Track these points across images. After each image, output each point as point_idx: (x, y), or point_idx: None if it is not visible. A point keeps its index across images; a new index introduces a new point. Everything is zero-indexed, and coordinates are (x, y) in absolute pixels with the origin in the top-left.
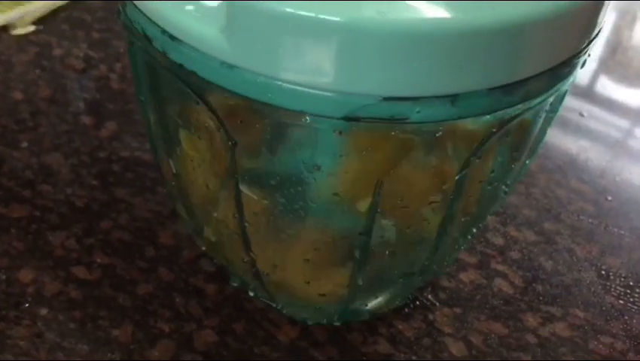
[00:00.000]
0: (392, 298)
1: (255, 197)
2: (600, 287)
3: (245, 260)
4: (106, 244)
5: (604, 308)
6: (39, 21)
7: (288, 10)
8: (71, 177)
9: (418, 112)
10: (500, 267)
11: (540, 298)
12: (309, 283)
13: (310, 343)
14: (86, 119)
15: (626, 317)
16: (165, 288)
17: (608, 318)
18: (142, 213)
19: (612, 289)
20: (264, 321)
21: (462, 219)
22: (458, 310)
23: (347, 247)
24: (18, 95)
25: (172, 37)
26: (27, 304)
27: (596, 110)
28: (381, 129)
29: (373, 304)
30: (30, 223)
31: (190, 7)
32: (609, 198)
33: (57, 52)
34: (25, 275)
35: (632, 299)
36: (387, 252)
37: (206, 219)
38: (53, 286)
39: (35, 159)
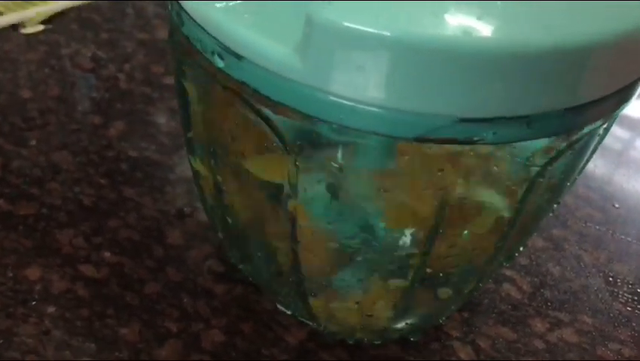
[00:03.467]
0: (433, 317)
1: (311, 222)
2: (608, 294)
3: (292, 280)
4: (114, 243)
5: (611, 315)
6: (48, 20)
7: (370, 30)
8: (79, 176)
9: (494, 133)
10: (508, 272)
11: (548, 303)
12: (358, 303)
13: (319, 345)
14: (94, 119)
15: (634, 324)
16: (173, 288)
17: (616, 324)
18: (150, 213)
19: (620, 296)
20: (272, 322)
21: (514, 238)
22: (466, 314)
23: (401, 268)
24: (26, 94)
25: (237, 56)
26: (34, 302)
27: None
28: (449, 150)
29: (412, 323)
30: (38, 221)
31: (259, 24)
32: (616, 205)
33: (66, 51)
34: (33, 273)
35: (639, 306)
36: (440, 274)
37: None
38: (61, 284)
39: (43, 157)
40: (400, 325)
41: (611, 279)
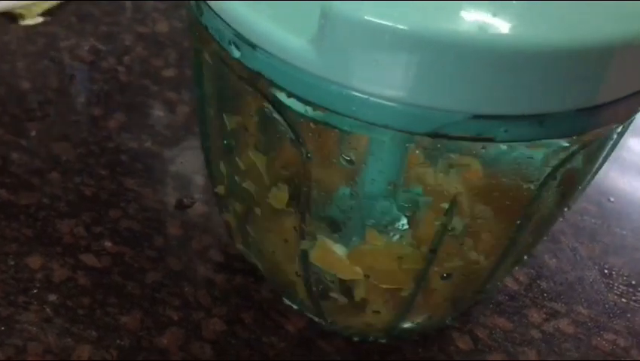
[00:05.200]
0: (440, 317)
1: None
2: (603, 285)
3: (300, 274)
4: (115, 233)
5: (607, 306)
6: (47, 13)
7: (387, 23)
8: (79, 167)
9: (505, 131)
10: None
11: (545, 294)
12: (365, 299)
13: (318, 333)
14: (94, 110)
15: (629, 315)
16: (173, 277)
17: (611, 315)
18: (151, 204)
19: (615, 288)
20: (272, 311)
21: (524, 242)
22: None
23: (411, 265)
24: (26, 85)
25: (253, 45)
26: (36, 290)
27: None
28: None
29: (420, 323)
30: (39, 210)
31: (275, 15)
32: (611, 199)
33: (65, 44)
34: (34, 261)
35: (634, 298)
36: (445, 274)
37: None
38: (62, 273)
39: (43, 148)
40: (407, 324)
41: (606, 271)
